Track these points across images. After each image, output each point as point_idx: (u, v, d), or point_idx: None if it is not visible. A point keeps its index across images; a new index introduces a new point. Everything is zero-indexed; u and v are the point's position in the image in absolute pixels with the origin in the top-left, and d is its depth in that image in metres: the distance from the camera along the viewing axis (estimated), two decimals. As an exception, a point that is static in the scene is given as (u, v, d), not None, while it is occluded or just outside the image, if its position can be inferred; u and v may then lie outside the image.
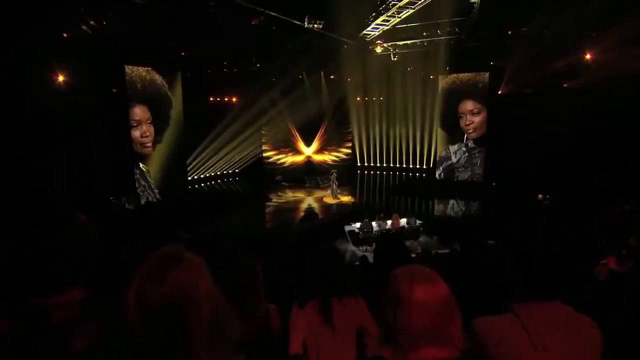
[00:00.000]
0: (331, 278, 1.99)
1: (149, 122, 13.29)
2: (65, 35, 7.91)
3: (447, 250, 6.17)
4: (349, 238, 9.97)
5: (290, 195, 16.26)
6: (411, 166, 19.82)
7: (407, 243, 9.95)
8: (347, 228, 10.10)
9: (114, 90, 12.17)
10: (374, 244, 9.80)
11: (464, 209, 13.52)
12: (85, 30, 7.58)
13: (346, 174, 19.20)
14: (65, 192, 11.08)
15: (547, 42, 10.48)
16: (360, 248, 9.69)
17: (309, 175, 18.56)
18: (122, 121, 12.57)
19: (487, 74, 14.86)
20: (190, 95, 14.82)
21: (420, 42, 12.66)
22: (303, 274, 2.70)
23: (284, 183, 18.17)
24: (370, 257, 9.05)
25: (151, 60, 12.92)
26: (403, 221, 10.29)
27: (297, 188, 17.22)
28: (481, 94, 15.14)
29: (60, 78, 9.53)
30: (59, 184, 11.02)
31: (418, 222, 10.26)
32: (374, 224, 9.94)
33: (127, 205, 13.04)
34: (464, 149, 16.02)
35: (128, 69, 12.45)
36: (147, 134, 13.31)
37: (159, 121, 13.77)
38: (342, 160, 20.39)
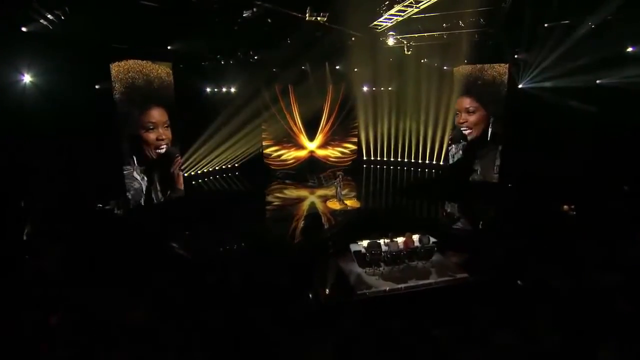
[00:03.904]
0: None
1: (165, 125, 12.68)
2: (24, 29, 6.78)
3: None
4: (354, 258, 8.97)
5: (292, 194, 15.21)
6: (420, 161, 18.80)
7: (419, 264, 9.00)
8: (353, 247, 9.07)
9: (97, 87, 10.99)
10: (382, 265, 8.85)
11: (480, 218, 12.40)
12: (46, 25, 6.45)
13: (351, 170, 18.23)
14: (45, 200, 10.14)
15: (586, 34, 9.12)
16: (367, 270, 8.70)
17: (312, 173, 17.53)
18: (110, 121, 11.52)
19: (506, 66, 13.73)
20: (184, 87, 13.63)
21: (439, 34, 11.24)
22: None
23: (287, 181, 17.12)
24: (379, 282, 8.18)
25: (141, 54, 11.73)
26: (415, 238, 9.21)
27: (300, 187, 16.19)
28: (480, 92, 14.31)
29: (28, 76, 8.42)
30: (37, 192, 10.07)
31: (432, 240, 9.18)
32: (382, 243, 8.91)
33: (116, 211, 12.15)
34: (461, 151, 15.48)
35: (146, 66, 11.86)
36: (163, 137, 12.71)
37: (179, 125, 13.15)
38: (347, 155, 19.30)
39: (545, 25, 9.27)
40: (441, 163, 17.78)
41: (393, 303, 7.50)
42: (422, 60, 14.31)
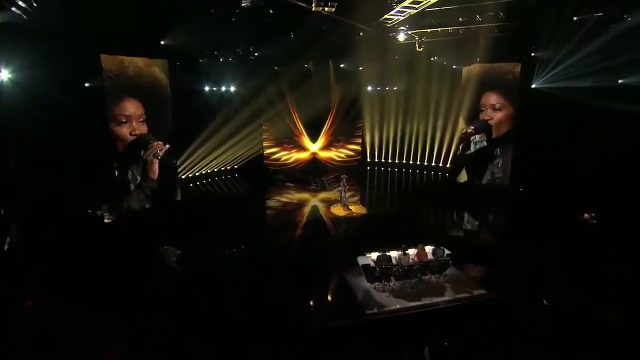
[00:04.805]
0: None
1: (141, 120, 11.56)
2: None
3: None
4: (362, 272, 8.22)
5: (294, 197, 14.46)
6: (426, 163, 18.08)
7: (432, 278, 8.25)
8: (361, 260, 8.32)
9: (86, 85, 10.26)
10: (393, 280, 8.10)
11: (494, 228, 11.64)
12: (20, 14, 5.76)
13: (356, 173, 17.49)
14: (28, 206, 9.42)
15: (620, 30, 8.37)
16: (377, 286, 7.95)
17: (314, 176, 16.80)
18: (99, 119, 10.80)
19: (518, 65, 13.03)
20: (181, 86, 12.91)
21: (453, 29, 10.45)
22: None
23: (288, 184, 16.38)
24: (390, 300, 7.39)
25: (132, 49, 11.00)
26: (429, 250, 8.46)
27: (302, 189, 15.44)
28: (507, 88, 13.54)
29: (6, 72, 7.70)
30: (19, 197, 9.35)
31: (446, 252, 8.43)
32: (393, 256, 8.15)
33: (105, 217, 11.40)
34: (485, 142, 14.47)
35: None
36: (137, 132, 11.52)
37: (157, 122, 11.91)
38: (351, 157, 18.57)
39: (575, 18, 8.53)
40: (447, 165, 17.08)
41: (406, 324, 6.74)
42: (432, 58, 13.54)
